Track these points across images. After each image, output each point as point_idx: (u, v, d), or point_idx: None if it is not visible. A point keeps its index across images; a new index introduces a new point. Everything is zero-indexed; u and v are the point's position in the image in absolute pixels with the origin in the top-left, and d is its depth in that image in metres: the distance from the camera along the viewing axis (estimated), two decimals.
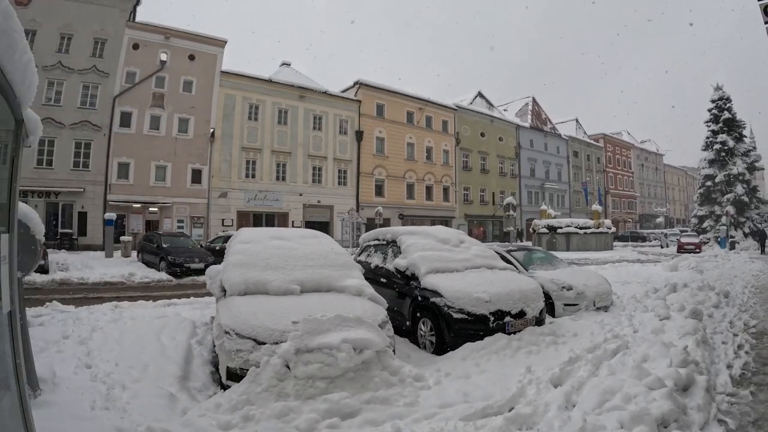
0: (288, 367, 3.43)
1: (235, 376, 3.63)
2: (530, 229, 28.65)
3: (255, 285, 4.53)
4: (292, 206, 29.20)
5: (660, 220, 48.30)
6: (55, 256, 17.00)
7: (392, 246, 6.88)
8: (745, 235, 31.16)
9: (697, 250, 26.15)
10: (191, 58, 26.45)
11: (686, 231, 36.52)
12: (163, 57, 25.57)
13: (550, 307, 7.06)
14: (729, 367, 4.45)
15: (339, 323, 3.72)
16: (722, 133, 33.10)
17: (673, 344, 4.33)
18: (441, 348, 5.07)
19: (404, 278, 6.08)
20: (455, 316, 5.03)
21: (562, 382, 3.85)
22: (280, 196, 28.72)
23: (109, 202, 23.17)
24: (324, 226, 30.26)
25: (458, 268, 5.95)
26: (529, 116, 45.43)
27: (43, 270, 13.21)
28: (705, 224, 33.45)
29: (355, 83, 33.01)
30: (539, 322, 5.50)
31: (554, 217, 27.70)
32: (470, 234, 37.54)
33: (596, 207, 26.58)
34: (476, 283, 5.38)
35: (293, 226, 28.04)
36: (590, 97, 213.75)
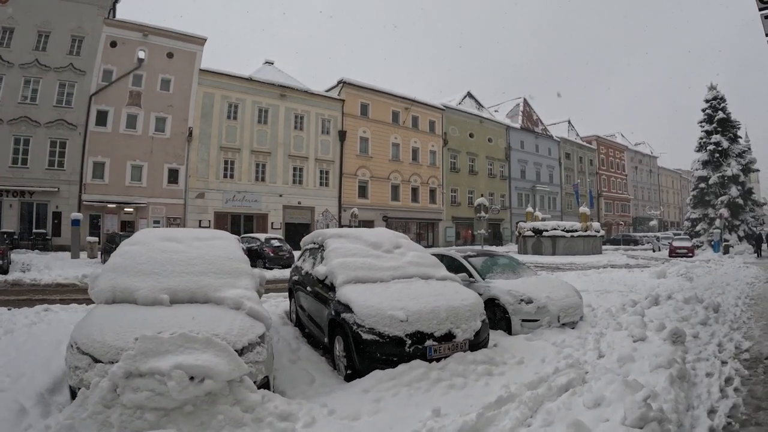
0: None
1: (75, 395, 3.19)
2: (516, 232, 27.65)
3: (122, 293, 4.04)
4: (271, 207, 28.48)
5: (654, 223, 47.40)
6: (23, 257, 16.93)
7: (321, 250, 6.02)
8: (740, 238, 30.21)
9: (690, 255, 25.29)
10: (170, 56, 26.02)
11: (679, 234, 35.56)
12: (141, 55, 25.15)
13: (506, 323, 6.09)
14: (711, 412, 3.41)
15: (182, 344, 3.09)
16: (716, 134, 32.15)
17: (638, 383, 3.32)
18: (353, 373, 4.21)
19: (324, 288, 5.25)
20: (365, 336, 4.12)
21: None
22: (259, 197, 28.05)
23: (84, 202, 22.76)
24: (305, 228, 29.45)
25: (384, 277, 5.03)
26: (520, 117, 44.53)
27: (3, 270, 13.14)
28: (698, 227, 32.45)
29: (339, 82, 32.19)
30: (475, 345, 4.49)
31: (542, 220, 26.66)
32: (458, 236, 37.12)
33: (584, 209, 25.41)
34: (396, 298, 4.45)
35: (272, 228, 27.96)
36: (584, 100, 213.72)
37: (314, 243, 6.65)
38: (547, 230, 23.77)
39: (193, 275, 4.32)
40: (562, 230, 23.48)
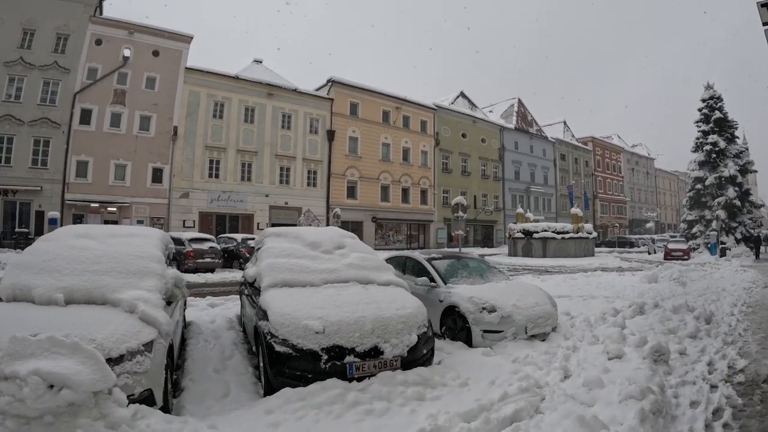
0: None
1: None
2: (507, 234, 26.89)
3: (21, 291, 3.85)
4: (257, 207, 28.03)
5: (650, 225, 46.77)
6: (3, 256, 16.85)
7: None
8: (737, 241, 29.46)
9: (685, 257, 24.59)
10: (155, 54, 25.80)
11: (675, 236, 34.83)
12: (126, 53, 25.00)
13: (467, 334, 5.41)
14: None
15: (49, 348, 2.87)
16: (713, 134, 31.45)
17: (597, 421, 2.65)
18: (269, 389, 3.74)
19: (255, 291, 4.84)
20: (278, 348, 3.63)
21: None
22: (245, 197, 27.66)
23: (67, 201, 22.57)
24: None
25: (315, 281, 4.52)
26: (514, 117, 43.91)
27: None
28: (695, 229, 31.69)
29: (328, 81, 31.66)
30: (410, 363, 3.83)
31: (534, 221, 25.88)
32: (450, 238, 36.35)
33: (575, 210, 24.43)
34: (319, 305, 3.93)
35: (258, 229, 27.54)
36: (581, 102, 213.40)
37: (260, 243, 6.10)
38: (537, 232, 22.99)
39: (94, 274, 3.98)
40: (553, 232, 22.67)
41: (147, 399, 3.16)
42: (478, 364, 4.20)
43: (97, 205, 23.46)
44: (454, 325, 5.61)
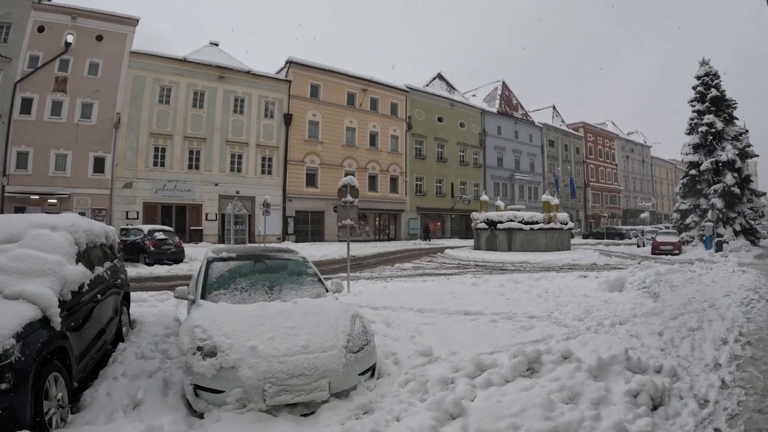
0: None
1: None
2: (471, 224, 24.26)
3: None
4: (206, 197, 26.19)
5: (645, 215, 44.05)
6: None
7: None
8: (736, 233, 26.58)
9: (676, 252, 21.84)
10: (99, 38, 24.51)
11: (669, 227, 32.08)
12: (69, 39, 23.82)
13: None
14: None
15: None
16: (709, 114, 28.52)
17: None
18: None
19: None
20: None
21: None
22: (192, 186, 25.88)
23: (7, 194, 21.80)
24: (242, 218, 27.03)
25: None
26: (498, 101, 41.13)
27: None
28: (688, 220, 28.88)
29: (287, 62, 29.38)
30: None
31: (504, 209, 23.08)
32: (426, 229, 33.71)
33: (547, 197, 21.45)
34: None
35: (207, 219, 26.14)
36: (577, 92, 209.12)
37: None
38: (502, 222, 20.25)
39: None
40: (520, 222, 19.78)
41: None
42: None
43: (37, 197, 22.38)
44: None
